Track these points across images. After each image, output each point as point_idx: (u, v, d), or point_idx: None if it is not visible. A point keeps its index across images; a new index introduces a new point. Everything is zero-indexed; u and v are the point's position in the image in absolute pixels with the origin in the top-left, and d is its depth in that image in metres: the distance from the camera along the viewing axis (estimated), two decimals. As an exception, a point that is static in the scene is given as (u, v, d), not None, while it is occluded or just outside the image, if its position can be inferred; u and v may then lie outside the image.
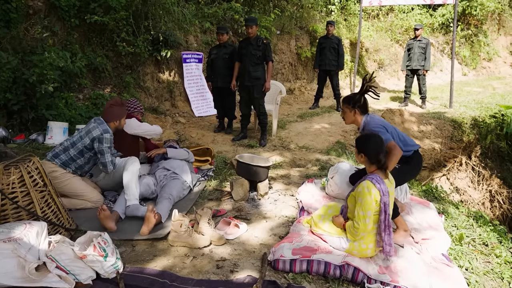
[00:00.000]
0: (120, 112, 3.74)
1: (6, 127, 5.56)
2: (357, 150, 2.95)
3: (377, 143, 2.85)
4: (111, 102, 3.74)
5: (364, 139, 2.94)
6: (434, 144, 6.90)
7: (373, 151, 2.83)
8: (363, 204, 2.74)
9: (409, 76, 9.02)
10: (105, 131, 3.57)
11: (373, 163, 2.86)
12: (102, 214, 3.23)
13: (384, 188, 2.75)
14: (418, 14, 14.10)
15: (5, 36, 5.87)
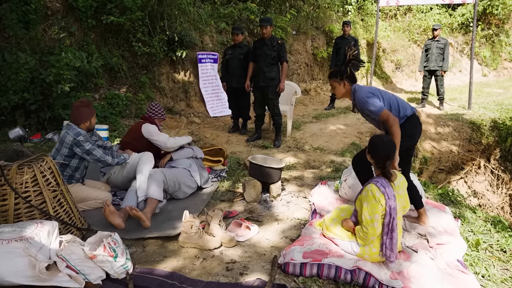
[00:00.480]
0: (88, 112, 3.62)
1: (24, 126, 5.65)
2: (368, 150, 2.92)
3: (387, 148, 2.81)
4: (78, 103, 3.63)
5: (375, 141, 2.90)
6: (452, 146, 6.76)
7: (381, 156, 2.80)
8: (369, 207, 2.71)
9: (426, 77, 8.87)
10: (76, 134, 3.49)
11: (379, 167, 2.83)
12: (107, 211, 3.23)
13: (389, 191, 2.71)
14: (437, 14, 13.86)
15: (23, 37, 5.96)
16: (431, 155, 6.68)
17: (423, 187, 4.54)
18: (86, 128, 3.66)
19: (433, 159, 6.65)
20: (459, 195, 4.51)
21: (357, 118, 8.06)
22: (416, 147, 6.67)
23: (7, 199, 2.81)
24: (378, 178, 2.79)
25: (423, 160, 6.57)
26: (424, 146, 6.70)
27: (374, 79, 11.43)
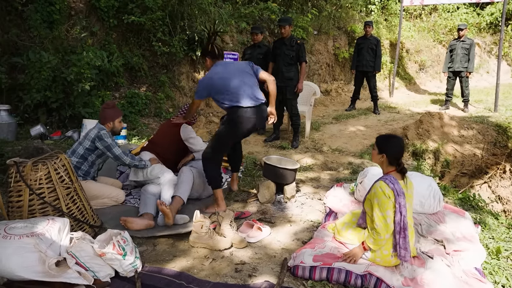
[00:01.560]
0: (113, 113, 3.73)
1: (46, 124, 5.77)
2: (378, 150, 2.82)
3: (400, 145, 2.80)
4: (104, 105, 3.79)
5: (387, 139, 2.85)
6: (476, 149, 6.55)
7: (395, 153, 2.77)
8: (380, 204, 2.66)
9: (451, 78, 8.64)
10: (101, 129, 3.64)
11: (393, 164, 2.78)
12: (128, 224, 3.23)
13: (398, 188, 2.67)
14: (464, 13, 13.47)
15: (47, 37, 6.09)
16: (454, 158, 6.49)
17: (443, 191, 4.41)
18: (110, 129, 3.76)
19: (456, 163, 6.45)
20: (480, 200, 4.35)
21: (378, 120, 7.92)
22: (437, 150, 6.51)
23: (22, 195, 2.87)
24: (387, 176, 2.74)
25: (445, 163, 6.39)
26: (446, 149, 6.51)
27: (397, 80, 11.20)
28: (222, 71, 3.61)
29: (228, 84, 3.55)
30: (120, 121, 3.82)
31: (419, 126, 6.84)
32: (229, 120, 3.63)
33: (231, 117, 3.61)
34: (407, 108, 9.20)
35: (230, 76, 3.59)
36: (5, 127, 5.16)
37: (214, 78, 3.58)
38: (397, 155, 2.77)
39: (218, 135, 3.71)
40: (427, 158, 6.43)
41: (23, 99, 5.75)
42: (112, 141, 3.63)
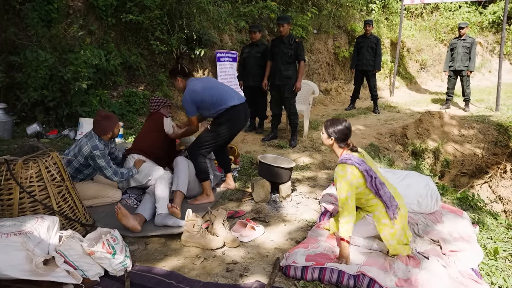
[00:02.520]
0: (109, 124, 3.59)
1: (43, 122, 5.76)
2: (327, 134, 2.96)
3: (346, 127, 2.94)
4: (97, 117, 3.58)
5: (333, 123, 2.96)
6: (476, 149, 6.50)
7: (342, 135, 2.91)
8: (342, 187, 2.77)
9: (451, 77, 8.58)
10: (94, 147, 3.46)
11: (342, 146, 2.94)
12: (119, 214, 3.15)
13: (356, 159, 2.82)
14: (466, 12, 13.39)
15: (44, 35, 6.07)
16: (454, 158, 6.44)
17: (441, 191, 4.37)
18: (109, 139, 3.67)
19: (456, 162, 6.40)
20: (479, 200, 4.29)
21: (378, 119, 7.87)
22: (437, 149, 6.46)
23: (12, 193, 2.83)
24: (342, 156, 2.89)
25: (444, 163, 6.34)
26: (446, 149, 6.46)
27: (397, 79, 11.15)
28: (200, 83, 3.84)
29: (213, 92, 3.80)
30: (118, 127, 3.68)
31: (419, 125, 6.79)
32: (226, 120, 3.84)
33: (227, 117, 3.83)
34: (408, 107, 9.14)
35: (211, 85, 3.86)
36: (1, 126, 5.15)
37: (198, 90, 3.79)
38: (344, 137, 2.92)
39: (213, 134, 3.86)
40: (426, 158, 6.38)
41: (20, 98, 5.73)
42: (105, 163, 3.50)
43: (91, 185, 3.65)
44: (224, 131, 3.88)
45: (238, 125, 3.96)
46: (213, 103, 3.79)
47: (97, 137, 3.55)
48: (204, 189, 3.88)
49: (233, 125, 3.90)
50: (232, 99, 3.84)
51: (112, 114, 3.70)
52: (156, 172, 3.71)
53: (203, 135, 3.92)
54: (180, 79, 3.88)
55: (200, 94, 3.78)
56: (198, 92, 3.79)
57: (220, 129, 3.86)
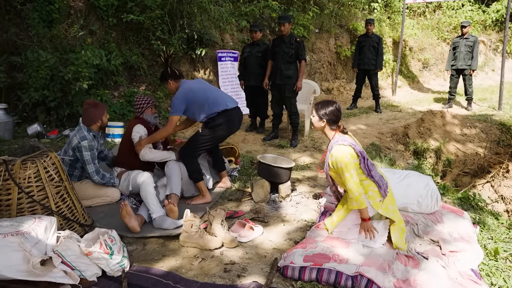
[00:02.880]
0: (97, 112, 3.57)
1: (44, 122, 5.77)
2: (318, 117, 2.98)
3: (337, 108, 2.97)
4: (85, 105, 3.58)
5: (324, 105, 2.98)
6: (478, 148, 6.46)
7: (333, 116, 2.94)
8: (345, 166, 2.82)
9: (454, 76, 8.54)
10: (82, 138, 3.45)
11: (333, 128, 2.99)
12: (123, 211, 3.14)
13: (351, 140, 2.91)
14: (469, 10, 13.33)
15: (45, 36, 6.08)
16: (456, 157, 6.40)
17: (442, 191, 4.35)
18: (98, 128, 3.66)
19: (458, 162, 6.37)
20: (480, 200, 4.27)
21: (379, 118, 7.84)
22: (439, 148, 6.42)
23: (11, 193, 2.83)
24: (335, 138, 2.95)
25: (446, 162, 6.30)
26: (448, 148, 6.43)
27: (400, 78, 11.10)
28: (196, 84, 3.88)
29: (209, 94, 3.83)
30: (106, 115, 3.67)
31: (421, 125, 6.76)
32: (220, 123, 3.85)
33: (222, 121, 3.84)
34: (410, 106, 9.10)
35: (206, 86, 3.90)
36: (1, 126, 5.16)
37: (194, 89, 3.81)
38: (335, 119, 2.96)
39: (206, 137, 3.87)
40: (428, 157, 6.35)
41: (21, 98, 5.75)
42: (89, 157, 3.47)
43: (89, 185, 3.65)
44: (218, 134, 3.90)
45: (232, 128, 4.00)
46: (208, 104, 3.79)
47: (86, 128, 3.54)
48: (200, 190, 3.87)
49: (227, 128, 3.93)
50: (226, 102, 3.88)
51: (100, 102, 3.69)
52: (136, 179, 3.59)
53: (196, 137, 3.89)
54: (171, 82, 3.88)
55: (196, 94, 3.79)
56: (193, 91, 3.81)
57: (214, 132, 3.87)
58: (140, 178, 3.55)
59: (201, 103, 3.79)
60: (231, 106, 3.90)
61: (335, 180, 3.10)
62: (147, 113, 3.98)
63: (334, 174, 3.03)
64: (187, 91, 3.79)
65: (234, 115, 3.95)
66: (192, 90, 3.80)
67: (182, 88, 3.82)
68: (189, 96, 3.77)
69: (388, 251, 2.93)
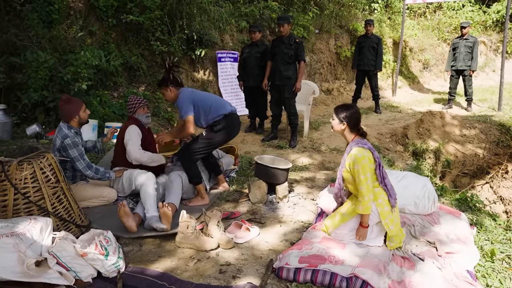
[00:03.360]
0: (72, 108, 3.52)
1: (43, 123, 5.77)
2: (339, 120, 3.00)
3: (357, 111, 3.03)
4: (61, 102, 3.54)
5: (345, 109, 3.01)
6: (477, 149, 6.45)
7: (354, 119, 2.98)
8: (362, 168, 2.84)
9: (454, 76, 8.53)
10: (63, 137, 3.44)
11: (353, 131, 3.01)
12: (121, 211, 3.16)
13: (370, 145, 2.95)
14: (470, 11, 13.30)
15: (44, 36, 6.09)
16: (455, 158, 6.39)
17: (440, 192, 4.34)
18: (77, 123, 3.60)
19: (457, 163, 6.36)
20: (478, 201, 4.26)
21: (379, 119, 7.83)
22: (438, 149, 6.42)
23: (7, 194, 2.84)
24: (356, 140, 2.97)
25: (445, 163, 6.30)
26: (447, 149, 6.42)
27: (400, 79, 11.08)
28: (194, 91, 3.93)
29: (212, 98, 3.91)
30: (84, 110, 3.60)
31: (420, 125, 6.75)
32: (222, 128, 3.88)
33: (224, 125, 3.88)
34: (409, 107, 9.10)
35: (206, 94, 3.98)
36: (0, 127, 5.16)
37: (197, 93, 3.90)
38: (356, 121, 2.99)
39: (207, 141, 3.88)
40: (427, 158, 6.35)
41: (21, 99, 5.75)
42: (77, 153, 3.44)
43: (85, 186, 3.66)
44: (218, 138, 3.91)
45: (232, 133, 4.03)
46: (214, 106, 3.84)
47: (65, 126, 3.53)
48: (198, 192, 3.88)
49: (228, 132, 3.96)
50: (228, 106, 3.96)
51: (76, 98, 3.63)
52: (138, 178, 3.61)
53: (196, 142, 3.88)
54: (172, 89, 3.87)
55: (200, 97, 3.84)
56: (197, 94, 3.87)
57: (215, 136, 3.88)
58: (141, 178, 3.57)
59: (207, 105, 3.83)
60: (233, 110, 3.97)
61: (346, 181, 3.08)
62: (139, 112, 3.97)
63: (347, 176, 3.02)
64: (191, 93, 3.82)
65: (235, 119, 4.02)
66: (195, 92, 3.86)
67: (184, 92, 3.84)
68: (194, 98, 3.80)
69: (384, 252, 2.94)
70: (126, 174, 3.76)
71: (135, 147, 3.78)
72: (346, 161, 2.99)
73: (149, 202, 3.39)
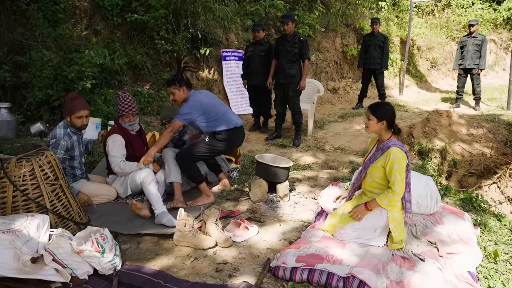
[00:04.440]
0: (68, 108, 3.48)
1: (48, 121, 5.81)
2: (377, 119, 2.91)
3: (393, 109, 2.99)
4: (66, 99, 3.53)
5: (382, 107, 2.98)
6: (485, 149, 6.34)
7: (392, 116, 2.95)
8: (400, 169, 2.81)
9: (461, 75, 8.42)
10: (52, 136, 3.44)
11: (390, 128, 2.96)
12: (133, 207, 3.33)
13: (406, 150, 2.91)
14: (479, 9, 13.14)
15: (49, 35, 6.13)
16: (461, 157, 6.29)
17: (444, 191, 4.28)
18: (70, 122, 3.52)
19: (463, 162, 6.26)
20: (483, 201, 4.19)
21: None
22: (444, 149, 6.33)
23: (6, 191, 2.84)
24: (395, 140, 2.93)
25: (452, 163, 6.20)
26: (454, 148, 6.33)
27: (407, 77, 10.98)
28: (205, 98, 3.86)
29: (219, 110, 3.86)
30: (78, 117, 3.48)
31: (426, 125, 6.67)
32: (225, 139, 3.88)
33: (226, 137, 3.88)
34: (416, 106, 9.01)
35: (216, 103, 3.91)
36: (5, 125, 5.21)
37: (205, 104, 3.79)
38: (394, 118, 2.96)
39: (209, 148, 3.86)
40: (433, 157, 6.26)
41: (26, 97, 5.80)
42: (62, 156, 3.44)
43: (86, 184, 3.67)
44: (220, 148, 3.91)
45: (234, 146, 4.09)
46: (219, 120, 3.83)
47: (63, 124, 3.53)
48: (202, 191, 3.85)
49: (230, 145, 3.98)
50: (236, 120, 3.98)
51: (79, 101, 3.55)
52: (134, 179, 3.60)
53: (198, 146, 3.86)
54: (184, 89, 3.78)
55: (208, 109, 3.79)
56: (205, 106, 3.79)
57: (217, 144, 3.87)
58: (139, 178, 3.54)
59: (215, 116, 3.81)
60: (239, 124, 3.97)
61: (370, 176, 3.03)
62: (123, 120, 3.83)
63: (375, 171, 2.98)
64: (199, 104, 3.75)
65: (240, 133, 4.03)
66: (203, 105, 3.77)
67: (194, 101, 3.76)
68: (203, 106, 3.76)
69: (384, 252, 2.90)
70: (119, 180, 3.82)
71: (117, 160, 3.67)
72: (380, 157, 2.93)
73: (153, 199, 3.40)
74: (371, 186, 3.04)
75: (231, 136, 3.91)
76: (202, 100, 3.80)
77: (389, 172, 2.87)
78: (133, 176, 3.61)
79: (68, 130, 3.54)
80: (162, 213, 3.30)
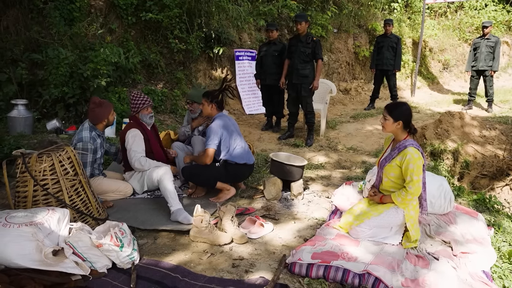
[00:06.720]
0: (103, 111, 3.61)
1: (63, 119, 5.89)
2: (394, 119, 2.92)
3: (410, 108, 3.01)
4: (91, 105, 3.59)
5: (399, 107, 2.98)
6: (498, 150, 6.30)
7: (408, 116, 2.95)
8: (416, 169, 2.83)
9: (474, 77, 8.37)
10: (78, 139, 3.51)
11: (406, 128, 2.97)
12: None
13: (422, 150, 2.94)
14: (493, 10, 13.03)
15: (65, 34, 6.22)
16: (474, 159, 6.26)
17: (457, 192, 4.27)
18: (104, 126, 3.72)
19: (476, 164, 6.23)
20: (496, 202, 4.18)
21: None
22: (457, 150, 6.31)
23: (27, 185, 2.91)
24: (411, 141, 2.94)
25: (464, 164, 6.18)
26: (466, 150, 6.30)
27: (419, 79, 10.94)
28: (230, 125, 3.91)
29: (237, 144, 3.91)
30: (112, 114, 3.71)
31: (438, 126, 6.64)
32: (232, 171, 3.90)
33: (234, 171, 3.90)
34: (428, 107, 8.97)
35: (234, 133, 3.93)
36: (22, 121, 5.29)
37: (229, 129, 3.87)
38: (410, 118, 2.97)
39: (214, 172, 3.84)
40: (445, 159, 6.24)
41: (42, 95, 5.89)
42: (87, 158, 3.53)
43: (102, 181, 3.72)
44: (223, 176, 3.85)
45: (238, 179, 4.06)
46: (236, 153, 3.87)
47: (89, 127, 3.60)
48: (221, 188, 3.87)
49: (235, 177, 3.99)
50: (249, 157, 3.98)
51: (106, 101, 3.70)
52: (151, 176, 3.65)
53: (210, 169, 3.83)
54: (213, 106, 3.90)
55: (229, 134, 3.86)
56: (228, 129, 3.87)
57: (222, 171, 3.86)
58: (157, 175, 3.57)
59: (230, 146, 3.87)
60: (248, 162, 3.96)
61: (386, 175, 3.04)
62: (143, 112, 3.89)
63: (389, 170, 3.00)
64: (224, 125, 3.84)
65: (246, 172, 4.03)
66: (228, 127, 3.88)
67: (220, 121, 3.85)
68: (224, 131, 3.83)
69: (398, 250, 2.91)
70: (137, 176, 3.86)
71: (138, 155, 3.71)
72: (396, 157, 2.95)
73: (170, 196, 3.41)
74: (387, 185, 3.06)
75: (238, 172, 3.93)
76: (225, 124, 3.87)
77: (404, 171, 2.90)
78: (151, 173, 3.65)
79: (93, 133, 3.62)
80: (178, 210, 3.34)
